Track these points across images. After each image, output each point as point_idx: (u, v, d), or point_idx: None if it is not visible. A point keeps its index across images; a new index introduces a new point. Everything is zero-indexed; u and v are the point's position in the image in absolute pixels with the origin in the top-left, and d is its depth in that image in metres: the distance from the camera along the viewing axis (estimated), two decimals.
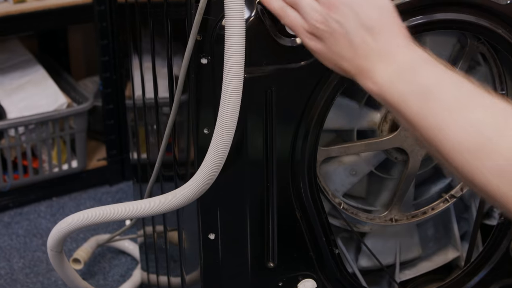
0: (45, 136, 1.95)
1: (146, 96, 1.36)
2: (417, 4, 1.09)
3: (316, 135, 1.10)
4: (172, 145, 1.19)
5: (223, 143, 0.99)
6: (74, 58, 2.30)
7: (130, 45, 1.44)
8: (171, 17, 1.11)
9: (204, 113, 1.06)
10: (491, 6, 1.12)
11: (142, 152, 1.48)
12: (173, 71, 1.13)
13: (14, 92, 1.98)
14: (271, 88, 1.05)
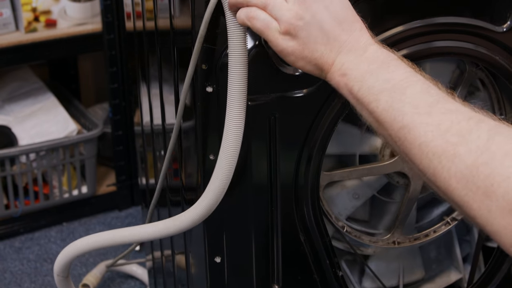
0: (55, 162, 1.98)
1: (154, 123, 1.38)
2: (417, 32, 1.12)
3: (318, 160, 1.12)
4: (179, 171, 1.21)
5: (227, 168, 1.01)
6: (84, 85, 2.34)
7: (138, 72, 1.47)
8: (178, 45, 1.14)
9: (210, 139, 1.09)
10: (488, 34, 1.15)
11: (151, 177, 1.50)
12: (180, 97, 1.16)
13: (25, 119, 2.01)
14: (274, 115, 1.07)
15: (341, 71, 0.89)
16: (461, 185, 0.78)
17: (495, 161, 0.76)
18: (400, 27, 1.11)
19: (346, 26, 0.90)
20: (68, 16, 1.93)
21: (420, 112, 0.83)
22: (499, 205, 0.74)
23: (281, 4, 0.92)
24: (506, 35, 1.16)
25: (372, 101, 0.86)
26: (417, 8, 1.11)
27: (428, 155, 0.81)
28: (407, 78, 0.86)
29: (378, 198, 1.27)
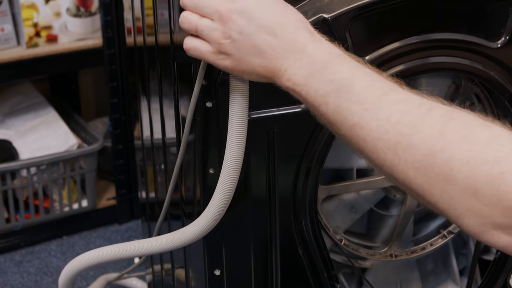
0: (56, 176, 2.00)
1: (154, 137, 1.40)
2: (413, 48, 1.13)
3: (316, 174, 1.14)
4: (179, 185, 1.23)
5: (230, 183, 1.02)
6: (84, 100, 2.36)
7: (139, 87, 1.49)
8: (178, 60, 1.15)
9: (209, 153, 1.11)
10: (483, 50, 1.17)
11: (151, 191, 1.52)
12: (180, 112, 1.17)
13: (26, 134, 2.03)
14: (273, 129, 1.09)
15: (285, 77, 0.89)
16: (419, 174, 0.78)
17: (452, 146, 0.76)
18: (397, 43, 1.12)
19: (278, 31, 0.89)
20: (69, 31, 1.95)
21: (369, 107, 0.83)
22: (461, 189, 0.75)
23: (208, 26, 0.92)
24: (501, 51, 1.17)
25: (321, 104, 0.86)
26: (413, 25, 1.13)
27: (383, 149, 0.81)
28: (351, 76, 0.85)
29: (376, 211, 1.29)
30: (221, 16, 0.90)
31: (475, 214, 0.75)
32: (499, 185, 0.73)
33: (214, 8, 0.91)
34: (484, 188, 0.74)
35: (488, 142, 0.75)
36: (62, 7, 1.90)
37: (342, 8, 1.07)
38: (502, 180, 0.73)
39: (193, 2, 0.94)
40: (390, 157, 0.81)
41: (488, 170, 0.74)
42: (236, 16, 0.90)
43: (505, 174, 0.73)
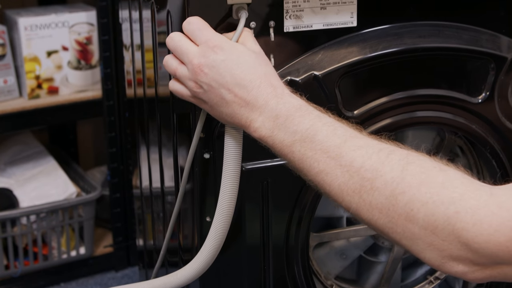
0: (55, 224, 2.03)
1: (153, 186, 1.44)
2: (399, 103, 1.19)
3: (308, 222, 1.18)
4: (177, 232, 1.27)
5: (221, 229, 1.07)
6: (82, 149, 2.40)
7: (138, 137, 1.53)
8: (177, 111, 1.20)
9: (206, 202, 1.15)
10: (465, 105, 1.22)
11: (149, 238, 1.56)
12: (179, 162, 1.22)
13: (26, 182, 2.07)
14: (267, 180, 1.14)
15: (251, 128, 0.96)
16: (383, 214, 0.84)
17: (412, 189, 0.83)
18: (384, 98, 1.18)
19: (242, 88, 0.96)
20: (70, 83, 2.00)
21: (331, 155, 0.89)
22: (421, 227, 0.82)
23: (184, 74, 1.01)
24: (481, 106, 1.23)
25: (288, 153, 0.93)
26: (399, 81, 1.19)
27: (348, 193, 0.87)
28: (313, 126, 0.92)
29: (365, 258, 1.33)
30: (193, 68, 0.98)
31: (435, 248, 0.81)
32: (455, 223, 0.79)
33: (188, 59, 0.99)
34: (442, 226, 0.80)
35: (444, 184, 0.82)
36: (64, 60, 1.96)
37: (332, 66, 1.13)
38: (458, 219, 0.79)
39: (174, 46, 1.02)
40: (355, 200, 0.87)
41: (444, 210, 0.80)
42: (206, 70, 0.97)
43: (460, 213, 0.79)
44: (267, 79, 0.97)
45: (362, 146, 0.89)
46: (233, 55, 0.98)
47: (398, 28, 1.18)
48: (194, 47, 1.00)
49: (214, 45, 0.98)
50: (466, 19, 1.22)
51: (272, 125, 0.94)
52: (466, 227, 0.79)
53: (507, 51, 1.23)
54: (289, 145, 0.93)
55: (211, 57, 0.98)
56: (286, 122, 0.93)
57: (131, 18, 1.46)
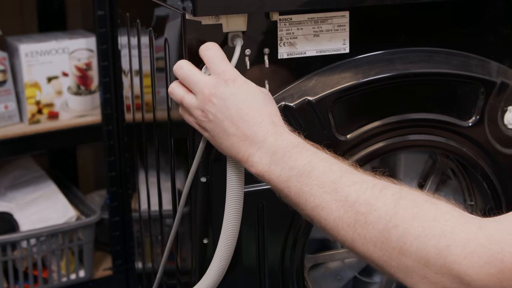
0: (55, 247, 2.04)
1: (151, 209, 1.46)
2: (392, 127, 1.22)
3: (303, 243, 1.20)
4: (175, 255, 1.28)
5: (227, 253, 1.09)
6: (82, 173, 2.41)
7: (137, 161, 1.55)
8: (174, 136, 1.23)
9: (204, 224, 1.18)
10: (456, 129, 1.25)
11: (148, 261, 1.57)
12: (176, 185, 1.24)
13: (27, 206, 2.08)
14: (262, 203, 1.16)
15: (249, 163, 0.99)
16: (378, 248, 0.86)
17: (404, 223, 0.85)
18: (377, 123, 1.21)
19: (245, 123, 0.99)
20: (70, 108, 2.02)
21: (327, 190, 0.92)
22: (414, 260, 0.83)
23: (191, 103, 1.04)
24: (472, 129, 1.25)
25: (284, 188, 0.95)
26: (392, 106, 1.21)
27: (343, 227, 0.90)
28: (310, 162, 0.94)
29: (359, 279, 1.35)
30: (203, 97, 1.01)
31: (429, 281, 0.83)
32: (446, 256, 0.81)
33: (199, 88, 1.02)
34: (434, 259, 0.82)
35: (435, 218, 0.84)
36: (64, 86, 1.98)
37: (325, 91, 1.16)
38: (449, 252, 0.81)
39: (183, 75, 1.05)
40: (350, 234, 0.89)
41: (435, 244, 0.82)
42: (215, 101, 1.00)
43: (451, 247, 0.81)
44: (270, 118, 1.00)
45: (356, 182, 0.91)
46: (243, 90, 1.01)
47: (389, 54, 1.21)
48: (205, 77, 1.04)
49: (228, 78, 1.02)
50: (456, 45, 1.25)
51: (270, 161, 0.97)
52: (457, 260, 0.81)
53: (496, 76, 1.25)
54: (285, 180, 0.95)
55: (222, 89, 1.01)
56: (283, 158, 0.96)
57: (130, 45, 1.49)
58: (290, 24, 1.15)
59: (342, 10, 1.17)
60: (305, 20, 1.15)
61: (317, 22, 1.16)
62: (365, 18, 1.19)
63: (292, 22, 1.15)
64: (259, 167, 0.98)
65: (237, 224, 1.07)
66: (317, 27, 1.16)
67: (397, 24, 1.22)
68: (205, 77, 1.03)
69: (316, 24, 1.16)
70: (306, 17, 1.15)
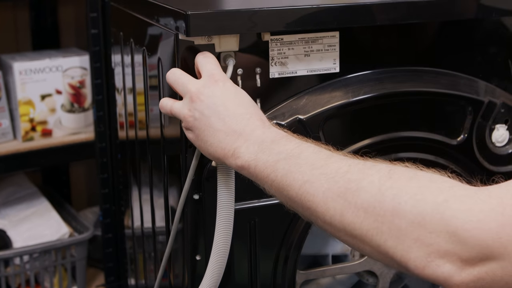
0: (48, 264, 2.05)
1: (144, 226, 1.48)
2: (383, 145, 1.23)
3: (295, 260, 1.21)
4: (168, 271, 1.29)
5: (218, 269, 1.10)
6: (75, 190, 2.42)
7: (130, 178, 1.56)
8: (167, 153, 1.24)
9: (196, 241, 1.19)
10: (444, 147, 1.27)
11: (140, 278, 1.58)
12: (169, 202, 1.25)
13: (20, 223, 2.09)
14: (254, 219, 1.18)
15: (235, 155, 0.98)
16: (369, 214, 0.82)
17: (399, 183, 0.82)
18: (367, 141, 1.22)
19: (233, 118, 1.00)
20: (63, 126, 2.03)
21: (317, 166, 0.89)
22: (409, 220, 0.79)
23: (178, 106, 1.06)
24: (460, 148, 1.27)
25: (270, 173, 0.93)
26: (381, 124, 1.23)
27: (333, 198, 0.85)
28: (299, 146, 0.94)
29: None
30: (191, 95, 1.03)
31: (422, 243, 0.78)
32: (444, 211, 0.77)
33: (188, 89, 1.04)
34: (430, 215, 0.78)
35: (432, 179, 0.82)
36: (57, 103, 2.00)
37: (316, 110, 1.18)
38: (447, 206, 0.77)
39: (175, 79, 1.08)
40: (340, 203, 0.85)
41: (433, 199, 0.78)
42: (203, 98, 1.02)
43: (449, 201, 0.78)
44: (257, 115, 1.02)
45: (347, 158, 0.90)
46: (231, 90, 1.04)
47: (379, 74, 1.23)
48: (195, 79, 1.06)
49: (218, 78, 1.04)
50: (444, 65, 1.27)
51: (257, 149, 0.97)
52: (455, 214, 0.76)
53: (484, 95, 1.28)
54: (272, 165, 0.94)
55: (211, 87, 1.03)
56: (271, 145, 0.96)
57: (123, 63, 1.51)
58: (282, 44, 1.17)
59: (332, 31, 1.19)
60: (296, 40, 1.18)
61: (308, 42, 1.18)
62: (355, 38, 1.22)
63: (284, 42, 1.17)
64: (245, 157, 0.97)
65: (227, 240, 1.09)
66: (308, 47, 1.18)
67: (386, 44, 1.24)
68: (195, 79, 1.06)
69: (307, 44, 1.18)
70: (297, 37, 1.17)
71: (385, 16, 1.19)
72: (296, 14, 1.14)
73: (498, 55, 1.31)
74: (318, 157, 0.91)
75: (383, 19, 1.19)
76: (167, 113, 1.09)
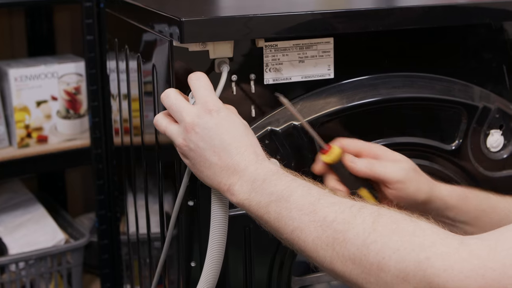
0: (43, 271, 2.05)
1: (139, 232, 1.48)
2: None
3: (289, 266, 1.22)
4: (163, 278, 1.29)
5: (212, 275, 1.10)
6: (71, 196, 2.42)
7: (125, 184, 1.56)
8: (162, 159, 1.24)
9: (191, 247, 1.19)
10: (439, 152, 1.27)
11: (136, 284, 1.58)
12: (164, 208, 1.25)
13: (15, 230, 2.09)
14: (249, 226, 1.18)
15: (230, 192, 1.00)
16: (356, 265, 0.86)
17: (383, 238, 0.85)
18: None
19: (227, 153, 1.01)
20: (59, 132, 2.03)
21: (306, 212, 0.93)
22: (393, 275, 0.83)
23: (174, 132, 1.05)
24: (455, 153, 1.27)
25: (264, 214, 0.96)
26: (375, 130, 1.23)
27: (322, 247, 0.90)
28: (289, 187, 0.96)
29: None
30: (186, 126, 1.03)
31: None
32: (426, 268, 0.81)
33: (182, 117, 1.04)
34: (413, 272, 0.82)
35: (415, 233, 0.85)
36: (53, 110, 2.00)
37: (311, 116, 1.18)
38: (428, 264, 0.81)
39: (169, 103, 1.07)
40: (329, 253, 0.89)
41: (415, 256, 0.82)
42: (198, 130, 1.02)
43: (431, 259, 0.81)
44: (252, 148, 1.02)
45: (335, 203, 0.93)
46: (226, 121, 1.03)
47: (373, 80, 1.23)
48: (190, 106, 1.05)
49: (212, 108, 1.03)
50: (438, 70, 1.28)
51: (250, 188, 0.98)
52: (437, 273, 0.80)
53: (479, 100, 1.28)
54: (265, 206, 0.97)
55: (205, 118, 1.03)
56: (263, 184, 0.98)
57: (118, 69, 1.51)
58: (276, 51, 1.17)
59: (326, 37, 1.19)
60: (290, 46, 1.18)
61: (302, 48, 1.18)
62: (349, 44, 1.22)
63: (278, 48, 1.17)
64: (240, 196, 0.99)
65: (222, 247, 1.09)
66: (302, 53, 1.18)
67: (380, 50, 1.24)
68: (189, 107, 1.05)
69: (301, 50, 1.18)
70: (292, 44, 1.18)
71: (379, 22, 1.19)
72: (290, 20, 1.14)
73: (493, 60, 1.31)
74: (307, 201, 0.94)
75: (378, 25, 1.19)
76: (161, 132, 1.09)
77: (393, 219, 0.88)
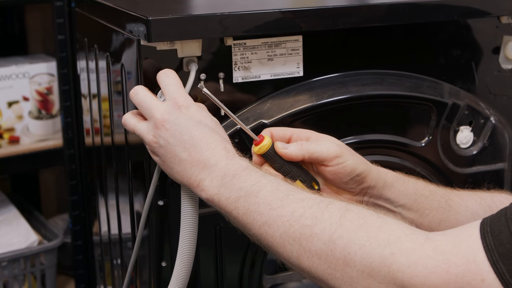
0: (17, 272, 2.04)
1: (111, 232, 1.47)
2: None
3: (261, 264, 1.22)
4: (134, 278, 1.29)
5: (183, 275, 1.10)
6: (44, 197, 2.41)
7: (97, 185, 1.56)
8: (132, 159, 1.24)
9: (161, 247, 1.19)
10: (410, 149, 1.28)
11: (108, 285, 1.58)
12: (135, 208, 1.25)
13: None
14: (219, 225, 1.18)
15: (200, 187, 1.00)
16: (323, 260, 0.87)
17: (349, 233, 0.86)
18: None
19: (197, 148, 1.00)
20: (31, 133, 2.02)
21: (274, 207, 0.93)
22: (359, 270, 0.84)
23: (143, 130, 1.05)
24: (425, 150, 1.28)
25: (233, 209, 0.96)
26: (345, 128, 1.24)
27: (289, 242, 0.90)
28: (258, 183, 0.96)
29: None
30: (155, 122, 1.02)
31: None
32: (391, 264, 0.82)
33: (152, 114, 1.03)
34: (378, 268, 0.82)
35: (381, 228, 0.85)
36: (25, 110, 1.98)
37: (280, 114, 1.18)
38: (393, 260, 0.82)
39: (138, 100, 1.07)
40: (296, 248, 0.89)
41: (380, 252, 0.83)
42: (168, 126, 1.01)
43: (395, 255, 0.82)
44: (222, 144, 1.02)
45: (303, 199, 0.93)
46: (196, 117, 1.03)
47: (342, 77, 1.23)
48: (159, 102, 1.05)
49: (182, 104, 1.03)
50: (408, 67, 1.28)
51: (219, 184, 0.98)
52: (401, 269, 0.81)
53: (448, 97, 1.29)
54: (234, 202, 0.97)
55: (175, 114, 1.02)
56: (232, 180, 0.97)
57: (88, 69, 1.50)
58: (245, 49, 1.17)
59: (295, 35, 1.19)
60: (259, 44, 1.18)
61: (271, 47, 1.18)
62: (318, 42, 1.22)
63: (247, 46, 1.17)
64: (209, 191, 0.99)
65: (192, 246, 1.09)
66: (271, 51, 1.18)
67: (349, 48, 1.25)
68: (159, 103, 1.05)
69: (270, 48, 1.18)
70: (260, 42, 1.18)
71: (347, 19, 1.19)
72: (258, 18, 1.14)
73: (462, 57, 1.32)
74: (275, 197, 0.94)
75: (346, 22, 1.19)
76: (130, 131, 1.09)
77: (361, 215, 0.89)
